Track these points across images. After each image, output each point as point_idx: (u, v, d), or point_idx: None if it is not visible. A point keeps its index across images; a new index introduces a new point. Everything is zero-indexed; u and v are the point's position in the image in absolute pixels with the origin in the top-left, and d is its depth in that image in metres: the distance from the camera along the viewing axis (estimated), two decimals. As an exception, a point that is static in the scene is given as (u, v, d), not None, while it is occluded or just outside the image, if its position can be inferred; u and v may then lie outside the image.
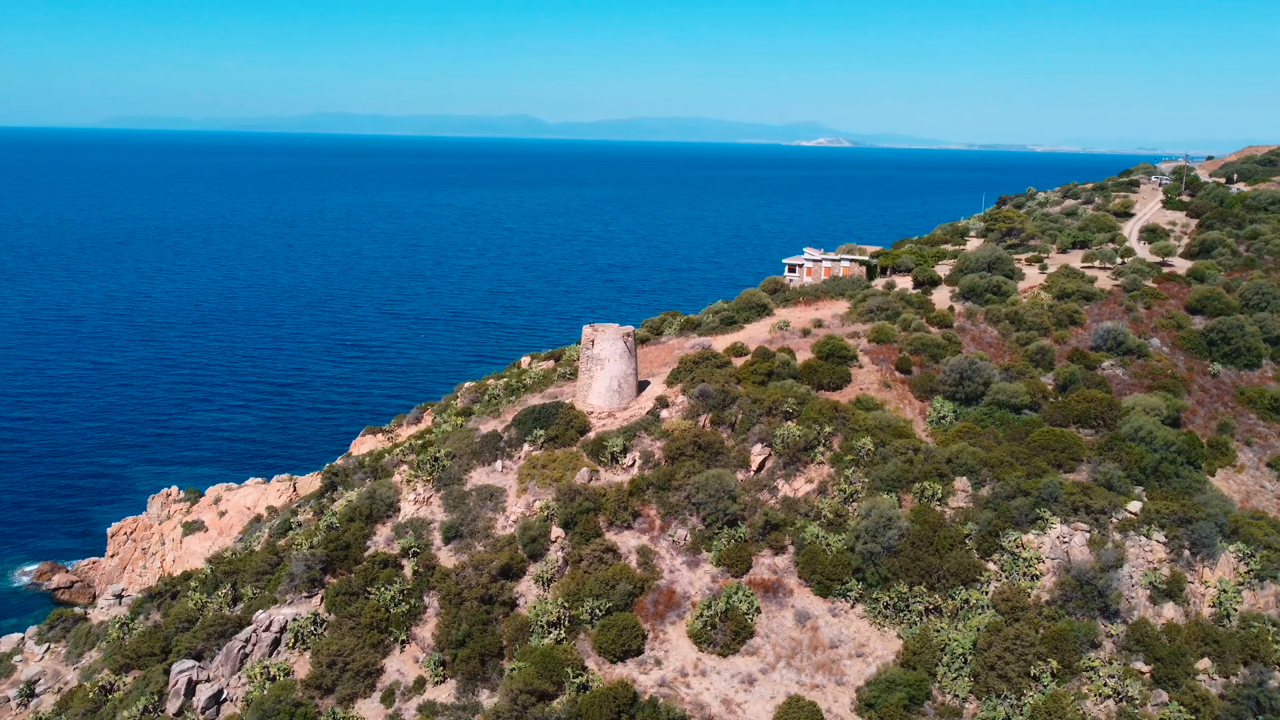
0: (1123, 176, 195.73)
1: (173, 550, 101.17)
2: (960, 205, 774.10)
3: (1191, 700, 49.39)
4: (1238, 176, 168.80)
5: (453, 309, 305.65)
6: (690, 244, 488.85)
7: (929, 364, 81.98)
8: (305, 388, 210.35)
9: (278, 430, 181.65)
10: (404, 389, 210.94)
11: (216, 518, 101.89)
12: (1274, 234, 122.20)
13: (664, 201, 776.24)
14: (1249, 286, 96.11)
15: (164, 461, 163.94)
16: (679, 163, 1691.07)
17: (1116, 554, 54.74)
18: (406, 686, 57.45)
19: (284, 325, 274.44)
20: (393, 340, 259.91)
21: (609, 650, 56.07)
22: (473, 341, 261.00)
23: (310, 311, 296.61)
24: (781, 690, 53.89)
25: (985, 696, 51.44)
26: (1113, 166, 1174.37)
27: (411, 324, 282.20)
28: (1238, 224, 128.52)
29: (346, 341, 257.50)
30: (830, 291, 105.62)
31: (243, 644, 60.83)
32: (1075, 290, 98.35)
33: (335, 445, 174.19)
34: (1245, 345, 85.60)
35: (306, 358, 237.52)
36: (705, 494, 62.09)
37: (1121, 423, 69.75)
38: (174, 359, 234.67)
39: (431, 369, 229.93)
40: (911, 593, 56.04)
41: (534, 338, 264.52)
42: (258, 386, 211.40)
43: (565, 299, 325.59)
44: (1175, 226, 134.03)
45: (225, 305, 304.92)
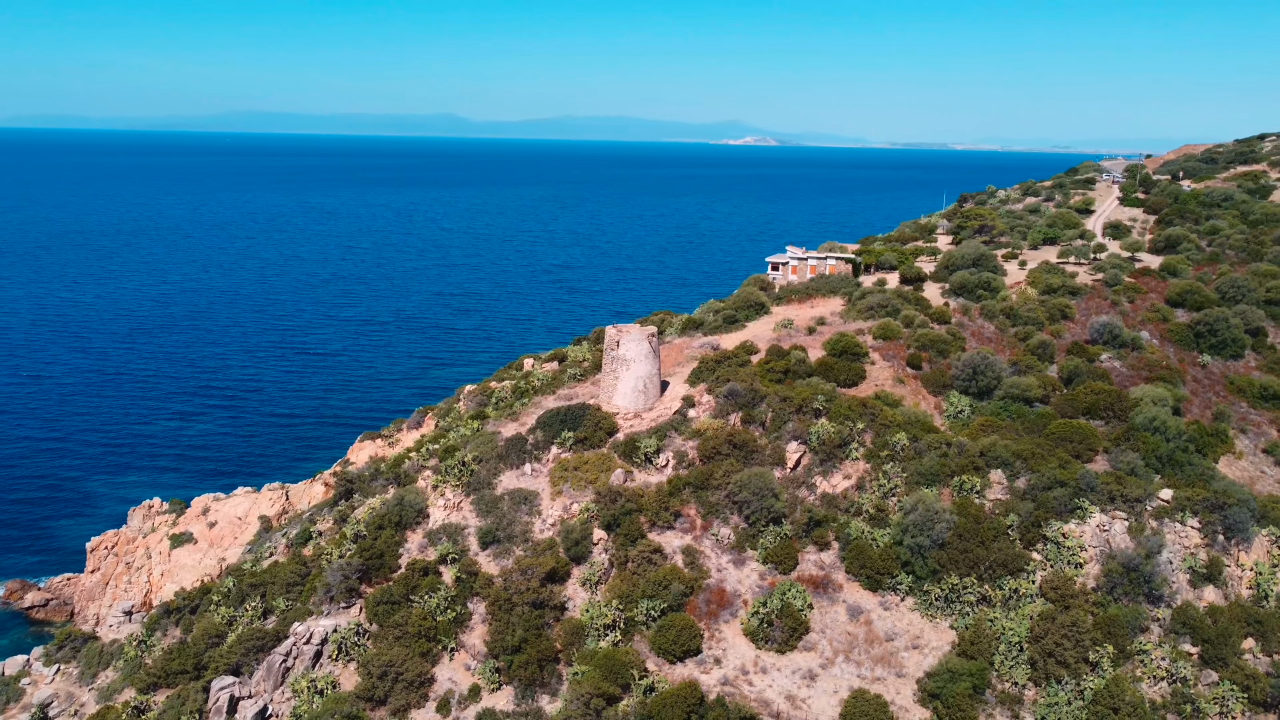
0: (1069, 175, 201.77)
1: (160, 564, 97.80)
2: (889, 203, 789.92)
3: (1242, 679, 51.40)
4: (1184, 174, 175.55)
5: (400, 312, 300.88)
6: (632, 244, 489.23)
7: (937, 359, 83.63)
8: (260, 395, 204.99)
9: (239, 439, 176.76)
10: (363, 394, 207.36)
11: (206, 529, 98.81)
12: (1231, 229, 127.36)
13: (600, 201, 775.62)
14: (1225, 280, 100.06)
15: (122, 474, 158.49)
16: (609, 161, 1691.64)
17: (1158, 540, 56.62)
18: (461, 695, 56.62)
19: (228, 331, 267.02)
20: (344, 345, 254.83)
21: (668, 651, 56.07)
22: (425, 345, 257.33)
23: (253, 317, 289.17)
24: (843, 685, 54.54)
25: (1044, 683, 52.76)
26: (1030, 164, 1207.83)
27: (360, 328, 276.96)
28: (1195, 220, 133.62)
29: (296, 347, 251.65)
30: (822, 289, 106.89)
31: (283, 658, 59.28)
32: (1060, 286, 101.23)
33: (300, 452, 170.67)
34: (1230, 336, 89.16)
35: (258, 364, 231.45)
36: (749, 492, 62.45)
37: (1134, 414, 72.08)
38: (116, 369, 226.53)
39: (388, 373, 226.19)
40: (962, 584, 57.16)
41: (489, 341, 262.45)
42: (210, 395, 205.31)
43: (514, 301, 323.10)
44: (1135, 223, 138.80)
45: (163, 312, 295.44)
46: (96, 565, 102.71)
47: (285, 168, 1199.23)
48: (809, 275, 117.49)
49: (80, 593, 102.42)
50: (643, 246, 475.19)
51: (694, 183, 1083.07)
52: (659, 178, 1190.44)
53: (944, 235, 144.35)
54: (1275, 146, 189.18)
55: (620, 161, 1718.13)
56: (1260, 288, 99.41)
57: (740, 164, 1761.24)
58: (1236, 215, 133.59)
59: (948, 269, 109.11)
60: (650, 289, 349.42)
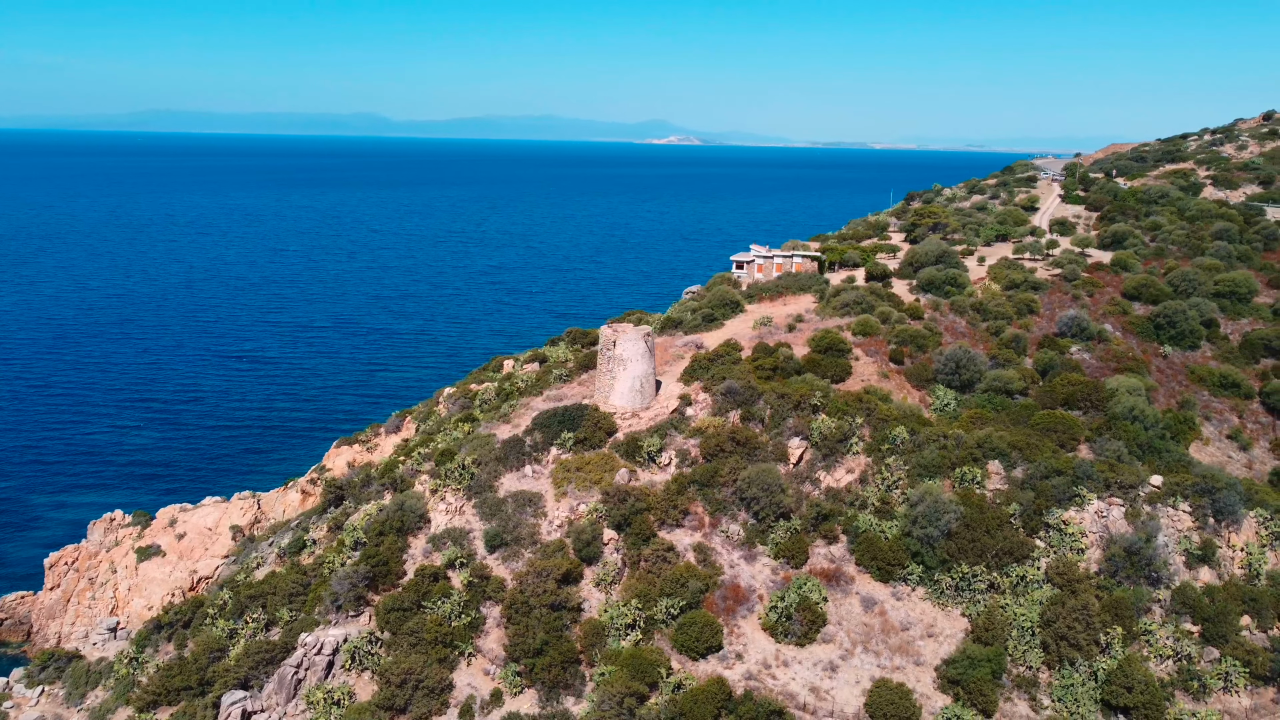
0: (1007, 173, 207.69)
1: (127, 578, 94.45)
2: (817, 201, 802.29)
3: (1243, 654, 53.87)
4: (1117, 172, 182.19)
5: (338, 316, 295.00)
6: (567, 244, 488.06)
7: (917, 354, 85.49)
8: (201, 403, 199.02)
9: (184, 449, 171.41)
10: (310, 401, 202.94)
11: (174, 541, 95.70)
12: (1171, 225, 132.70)
13: (529, 201, 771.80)
14: (1176, 274, 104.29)
15: (65, 488, 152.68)
16: (535, 161, 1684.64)
17: (1155, 524, 58.94)
18: (483, 700, 56.17)
19: (159, 338, 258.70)
20: (282, 350, 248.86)
21: (690, 648, 56.43)
22: (368, 349, 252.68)
23: (183, 322, 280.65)
24: (864, 675, 55.57)
25: (1058, 666, 54.54)
26: (948, 162, 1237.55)
27: (296, 333, 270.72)
28: (1136, 216, 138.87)
29: (232, 353, 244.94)
30: (792, 287, 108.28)
31: (294, 669, 58.02)
32: (1023, 281, 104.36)
33: (251, 461, 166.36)
34: (1188, 328, 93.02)
35: (194, 372, 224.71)
36: (758, 488, 63.16)
37: (1112, 403, 74.75)
38: (42, 379, 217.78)
39: (333, 379, 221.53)
40: (972, 572, 58.69)
41: (433, 344, 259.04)
42: (148, 405, 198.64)
43: (453, 303, 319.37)
44: (1080, 219, 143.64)
45: (86, 318, 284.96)
46: (56, 582, 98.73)
47: (203, 168, 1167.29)
48: (775, 273, 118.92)
49: (39, 611, 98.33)
50: (578, 247, 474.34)
51: (622, 182, 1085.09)
52: (586, 177, 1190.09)
53: (896, 233, 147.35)
54: (1199, 146, 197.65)
55: (546, 161, 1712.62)
56: (1209, 281, 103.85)
57: (666, 163, 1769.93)
58: (1174, 212, 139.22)
59: (912, 266, 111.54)
60: (589, 289, 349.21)
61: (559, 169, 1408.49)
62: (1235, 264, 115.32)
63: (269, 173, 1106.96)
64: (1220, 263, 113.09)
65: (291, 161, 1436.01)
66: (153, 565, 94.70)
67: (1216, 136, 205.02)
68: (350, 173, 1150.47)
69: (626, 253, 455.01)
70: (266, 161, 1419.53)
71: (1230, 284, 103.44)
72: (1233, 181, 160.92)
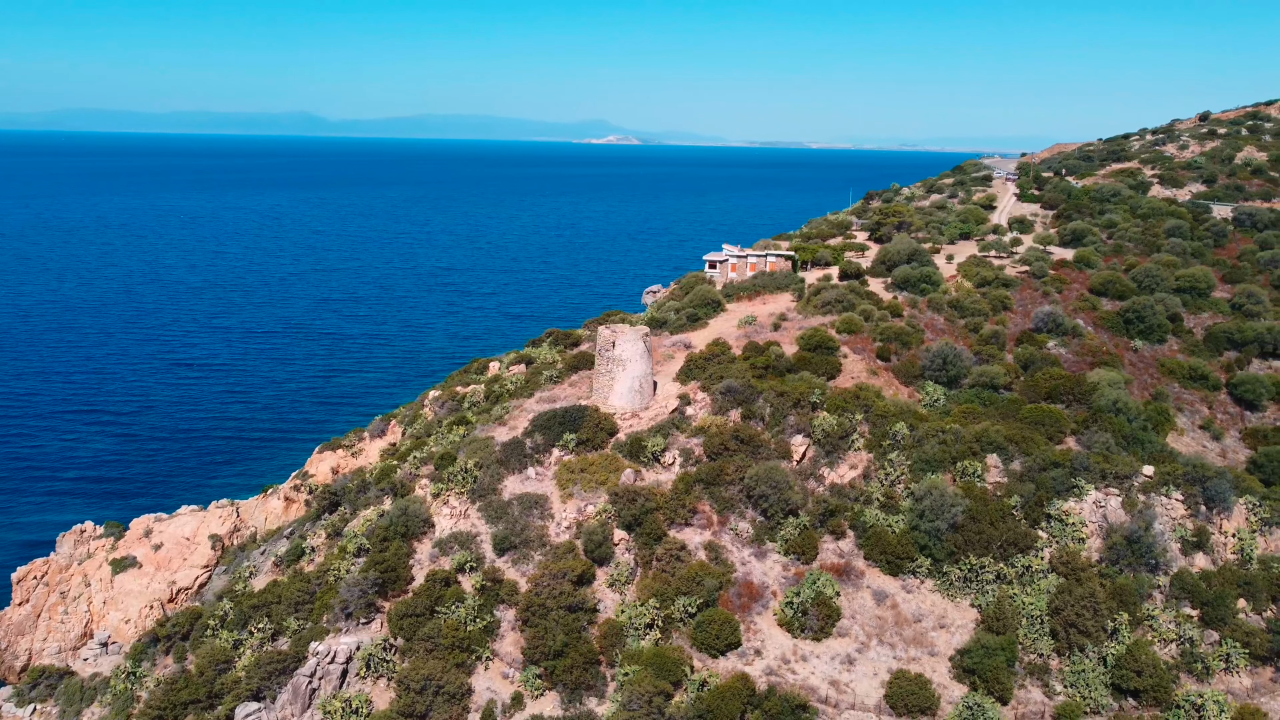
0: (958, 172, 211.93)
1: (102, 591, 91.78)
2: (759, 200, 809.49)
3: (1242, 636, 55.99)
4: (1066, 171, 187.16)
5: (287, 320, 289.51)
6: (514, 245, 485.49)
7: (902, 351, 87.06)
8: (155, 411, 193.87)
9: (141, 458, 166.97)
10: (266, 407, 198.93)
11: (151, 552, 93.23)
12: (1126, 222, 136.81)
13: (473, 201, 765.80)
14: (1140, 270, 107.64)
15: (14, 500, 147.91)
16: (475, 160, 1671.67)
17: (1152, 513, 60.96)
18: (504, 704, 55.95)
19: (103, 345, 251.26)
20: (232, 355, 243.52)
21: (710, 646, 56.88)
22: (321, 353, 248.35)
23: (125, 328, 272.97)
24: (882, 667, 56.57)
25: (1067, 652, 56.12)
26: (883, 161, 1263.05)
27: (245, 337, 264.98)
28: (1090, 214, 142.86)
29: (180, 359, 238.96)
30: (768, 286, 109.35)
31: (308, 679, 57.17)
32: (994, 278, 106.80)
33: (210, 469, 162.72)
34: (1156, 323, 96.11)
35: (142, 379, 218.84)
36: (766, 486, 63.85)
37: (1096, 397, 77.00)
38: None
39: (289, 384, 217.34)
40: (980, 563, 60.07)
41: (388, 347, 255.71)
42: (99, 414, 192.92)
43: (404, 305, 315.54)
44: (1037, 217, 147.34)
45: (19, 325, 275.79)
46: (25, 597, 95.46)
47: (131, 169, 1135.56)
48: (749, 272, 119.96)
49: (7, 628, 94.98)
50: (526, 248, 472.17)
51: (564, 182, 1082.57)
52: (528, 176, 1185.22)
53: (860, 231, 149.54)
54: (1142, 146, 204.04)
55: (486, 160, 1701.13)
56: (1170, 277, 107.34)
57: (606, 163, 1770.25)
58: (1127, 210, 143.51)
59: (885, 264, 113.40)
60: (542, 290, 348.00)
61: (499, 169, 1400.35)
62: (1190, 260, 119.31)
63: (203, 173, 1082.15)
64: (1177, 259, 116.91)
65: (225, 161, 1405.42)
66: (129, 577, 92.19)
67: (1158, 136, 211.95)
68: (287, 173, 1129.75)
69: (576, 253, 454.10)
70: (199, 162, 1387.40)
71: (1190, 279, 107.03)
72: (1178, 180, 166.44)
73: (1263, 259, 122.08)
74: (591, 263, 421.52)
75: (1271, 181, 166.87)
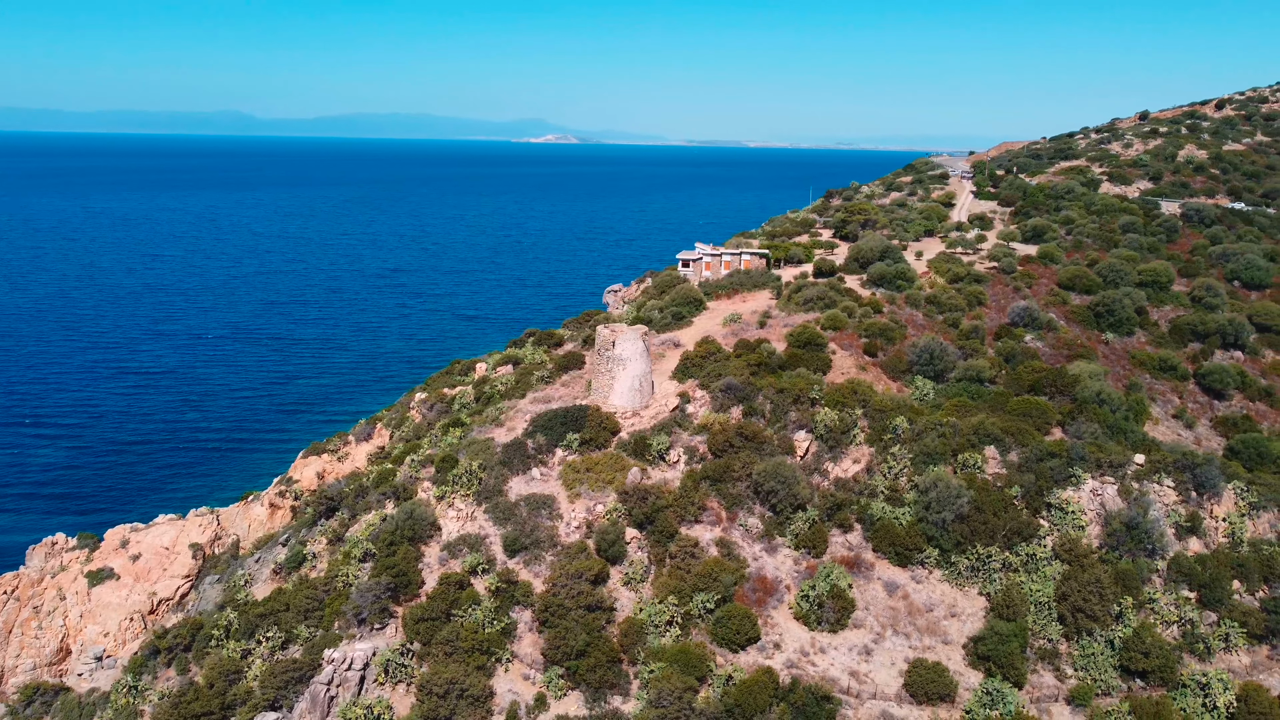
0: (908, 171, 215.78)
1: (78, 605, 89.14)
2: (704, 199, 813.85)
3: (1239, 616, 58.23)
4: (1018, 169, 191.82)
5: (234, 324, 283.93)
6: (462, 245, 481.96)
7: (887, 347, 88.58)
8: (105, 420, 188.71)
9: (96, 469, 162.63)
10: (223, 413, 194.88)
11: (129, 563, 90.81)
12: (1082, 219, 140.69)
13: (415, 201, 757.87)
14: (1104, 265, 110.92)
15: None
16: (413, 160, 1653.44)
17: (1148, 499, 63.07)
18: (528, 705, 55.85)
19: (42, 353, 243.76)
20: (179, 361, 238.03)
21: (731, 641, 57.46)
22: (273, 358, 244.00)
23: (66, 335, 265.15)
24: (898, 656, 57.71)
25: (1075, 637, 57.82)
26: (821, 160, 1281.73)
27: (192, 343, 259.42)
28: (1046, 211, 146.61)
29: (126, 366, 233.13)
30: (745, 284, 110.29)
31: (326, 686, 56.45)
32: (966, 274, 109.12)
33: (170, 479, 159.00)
34: (1125, 316, 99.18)
35: (88, 387, 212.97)
36: (776, 481, 64.63)
37: (1080, 388, 79.23)
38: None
39: (244, 390, 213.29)
40: (986, 553, 61.55)
41: (342, 351, 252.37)
42: (44, 424, 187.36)
43: (355, 308, 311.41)
44: (995, 214, 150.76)
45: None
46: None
47: (58, 169, 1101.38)
48: (723, 270, 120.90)
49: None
50: (474, 248, 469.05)
51: (505, 181, 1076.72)
52: (467, 176, 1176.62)
53: (825, 229, 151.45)
54: (1088, 144, 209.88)
55: (424, 160, 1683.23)
56: (1133, 271, 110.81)
57: (545, 162, 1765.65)
58: (1082, 206, 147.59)
59: (858, 262, 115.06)
60: (494, 291, 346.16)
61: (438, 168, 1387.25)
62: (1147, 255, 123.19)
63: (133, 173, 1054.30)
64: (1135, 254, 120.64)
65: (155, 162, 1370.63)
66: (106, 590, 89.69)
67: (1103, 135, 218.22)
68: (220, 173, 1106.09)
69: (524, 253, 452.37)
70: (128, 162, 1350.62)
71: (1152, 274, 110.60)
72: (1126, 178, 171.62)
73: (1214, 253, 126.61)
74: (541, 263, 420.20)
75: (1213, 178, 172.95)
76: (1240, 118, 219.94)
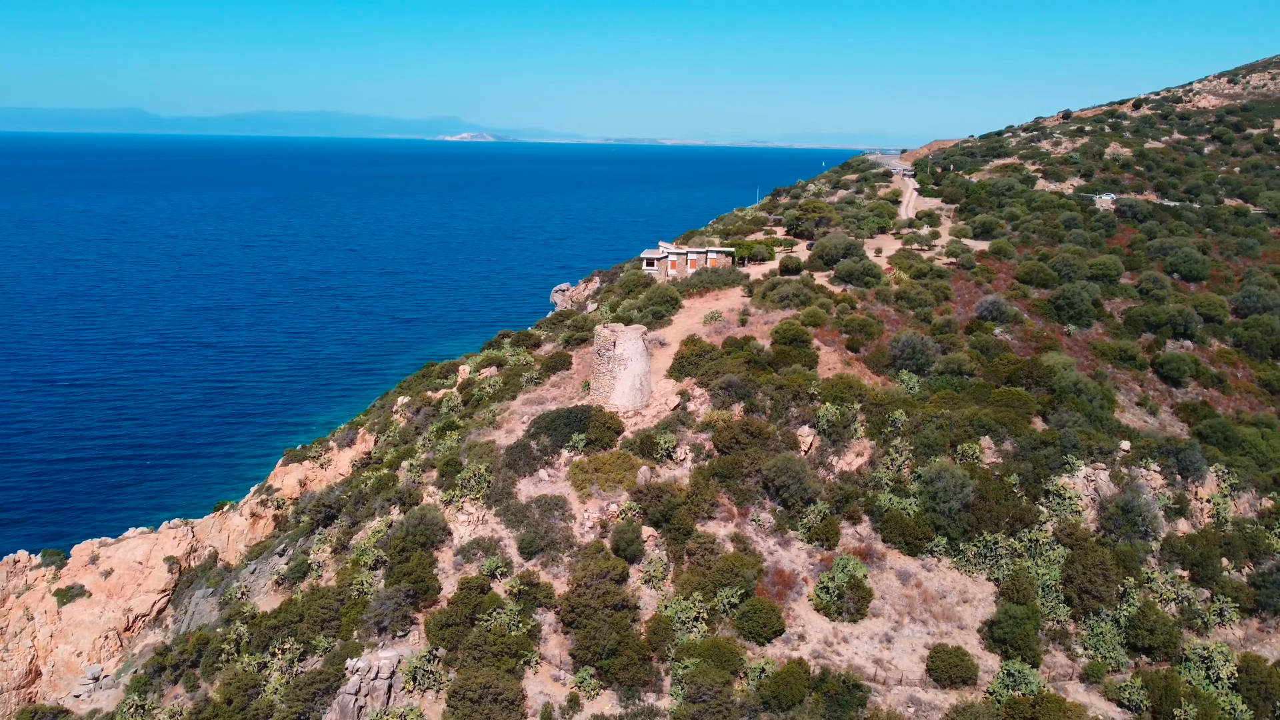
0: (843, 169, 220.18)
1: (48, 625, 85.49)
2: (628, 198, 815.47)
3: (1231, 591, 61.49)
4: (954, 166, 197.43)
5: (159, 331, 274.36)
6: (388, 246, 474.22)
7: (867, 342, 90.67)
8: (34, 435, 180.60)
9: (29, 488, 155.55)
10: (159, 425, 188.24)
11: (100, 579, 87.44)
12: (1026, 215, 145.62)
13: (334, 201, 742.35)
14: (1058, 260, 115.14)
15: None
16: (326, 159, 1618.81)
17: (1138, 484, 66.07)
18: (562, 706, 55.94)
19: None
20: (108, 372, 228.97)
21: (757, 634, 58.44)
22: (206, 366, 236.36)
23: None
24: (918, 643, 59.42)
25: (1083, 617, 60.31)
26: (739, 158, 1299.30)
27: (116, 351, 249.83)
28: (990, 208, 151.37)
29: (51, 378, 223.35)
30: (716, 282, 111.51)
31: (354, 696, 55.69)
32: (928, 270, 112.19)
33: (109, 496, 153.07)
34: (1084, 308, 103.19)
35: (12, 400, 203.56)
36: (787, 476, 65.84)
37: (1057, 379, 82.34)
38: None
39: (177, 400, 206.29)
40: (993, 539, 63.73)
41: (276, 356, 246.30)
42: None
43: (285, 312, 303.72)
44: (941, 211, 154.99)
45: None
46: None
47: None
48: (689, 269, 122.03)
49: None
50: (401, 249, 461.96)
51: (423, 180, 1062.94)
52: (384, 175, 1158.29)
53: (778, 227, 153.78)
54: (1019, 142, 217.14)
55: (338, 158, 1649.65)
56: (1084, 265, 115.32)
57: (462, 160, 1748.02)
58: (1023, 203, 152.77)
59: (822, 259, 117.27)
60: (429, 293, 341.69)
61: (352, 167, 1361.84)
62: (1091, 250, 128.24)
63: (28, 174, 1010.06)
64: (1082, 249, 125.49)
65: (51, 162, 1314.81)
66: (78, 608, 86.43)
67: (1032, 134, 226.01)
68: (124, 173, 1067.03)
69: (453, 254, 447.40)
70: (21, 161, 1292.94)
71: (1102, 267, 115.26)
72: (1060, 175, 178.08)
73: (1152, 247, 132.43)
74: (472, 264, 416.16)
75: (1139, 175, 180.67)
76: (1157, 116, 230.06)
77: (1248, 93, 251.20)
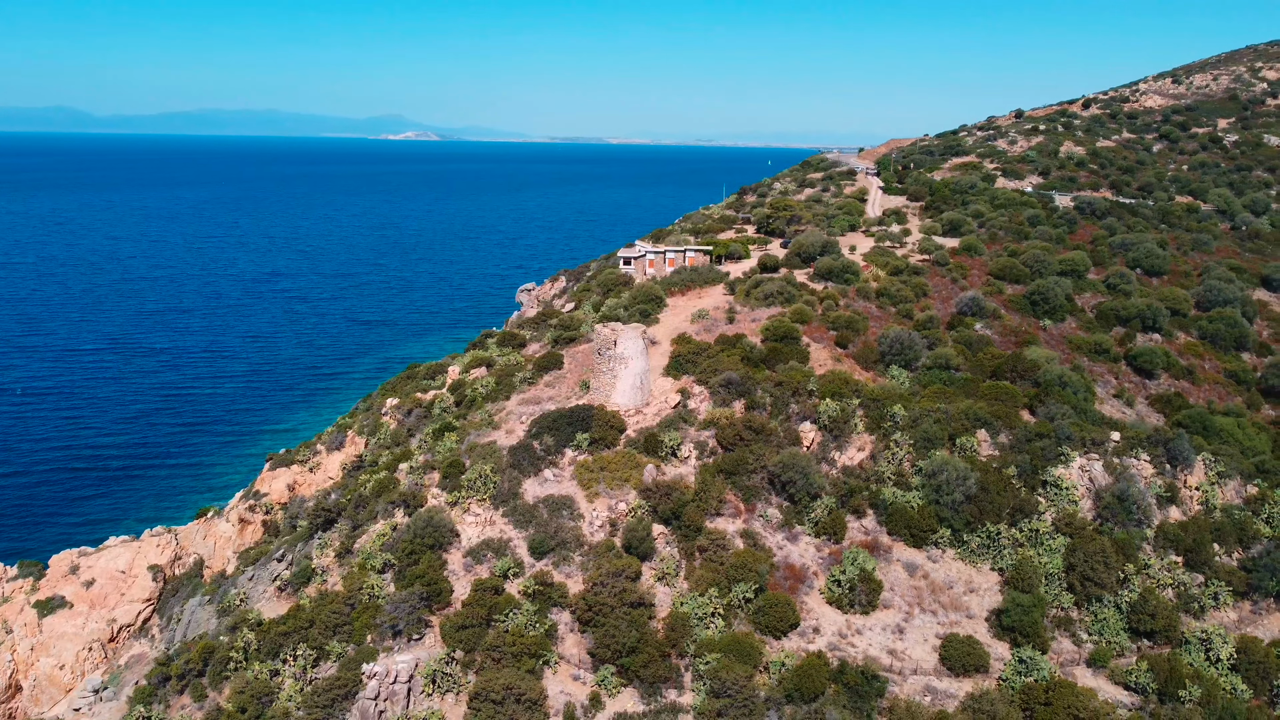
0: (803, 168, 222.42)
1: (28, 637, 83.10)
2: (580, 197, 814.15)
3: (1224, 576, 63.61)
4: (914, 165, 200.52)
5: (108, 336, 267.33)
6: (339, 247, 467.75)
7: (855, 338, 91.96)
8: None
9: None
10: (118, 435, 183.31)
11: (81, 590, 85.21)
12: (990, 213, 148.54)
13: (281, 201, 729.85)
14: (1029, 256, 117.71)
15: None
16: (268, 158, 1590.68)
17: (1131, 473, 67.99)
18: (584, 705, 56.04)
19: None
20: (57, 380, 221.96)
21: (773, 628, 59.08)
22: (162, 372, 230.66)
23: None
24: (929, 633, 60.56)
25: (1086, 604, 61.95)
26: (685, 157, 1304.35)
27: (65, 357, 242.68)
28: (954, 205, 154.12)
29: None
30: (697, 281, 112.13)
31: (373, 701, 55.21)
32: (905, 267, 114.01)
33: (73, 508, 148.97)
34: (1058, 303, 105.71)
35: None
36: (794, 472, 66.63)
37: (1042, 373, 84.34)
38: None
39: (134, 406, 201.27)
40: (996, 530, 65.15)
41: (232, 360, 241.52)
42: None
43: (239, 316, 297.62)
44: (908, 209, 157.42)
45: None
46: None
47: None
48: (667, 268, 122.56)
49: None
50: (353, 250, 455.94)
51: (370, 179, 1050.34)
52: (329, 175, 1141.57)
53: (748, 226, 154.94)
54: (975, 141, 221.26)
55: (281, 158, 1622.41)
56: (1054, 261, 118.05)
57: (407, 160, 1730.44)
58: (986, 201, 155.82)
59: (799, 256, 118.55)
60: (385, 294, 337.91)
61: (297, 166, 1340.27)
62: (1056, 246, 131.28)
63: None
64: (1048, 245, 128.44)
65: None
66: (59, 619, 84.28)
67: (988, 133, 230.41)
68: (60, 173, 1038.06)
69: (407, 254, 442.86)
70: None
71: (1070, 263, 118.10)
72: (1018, 173, 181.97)
73: (1114, 243, 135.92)
74: (426, 264, 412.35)
75: (1094, 173, 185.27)
76: (1106, 116, 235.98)
77: (1191, 93, 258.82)
